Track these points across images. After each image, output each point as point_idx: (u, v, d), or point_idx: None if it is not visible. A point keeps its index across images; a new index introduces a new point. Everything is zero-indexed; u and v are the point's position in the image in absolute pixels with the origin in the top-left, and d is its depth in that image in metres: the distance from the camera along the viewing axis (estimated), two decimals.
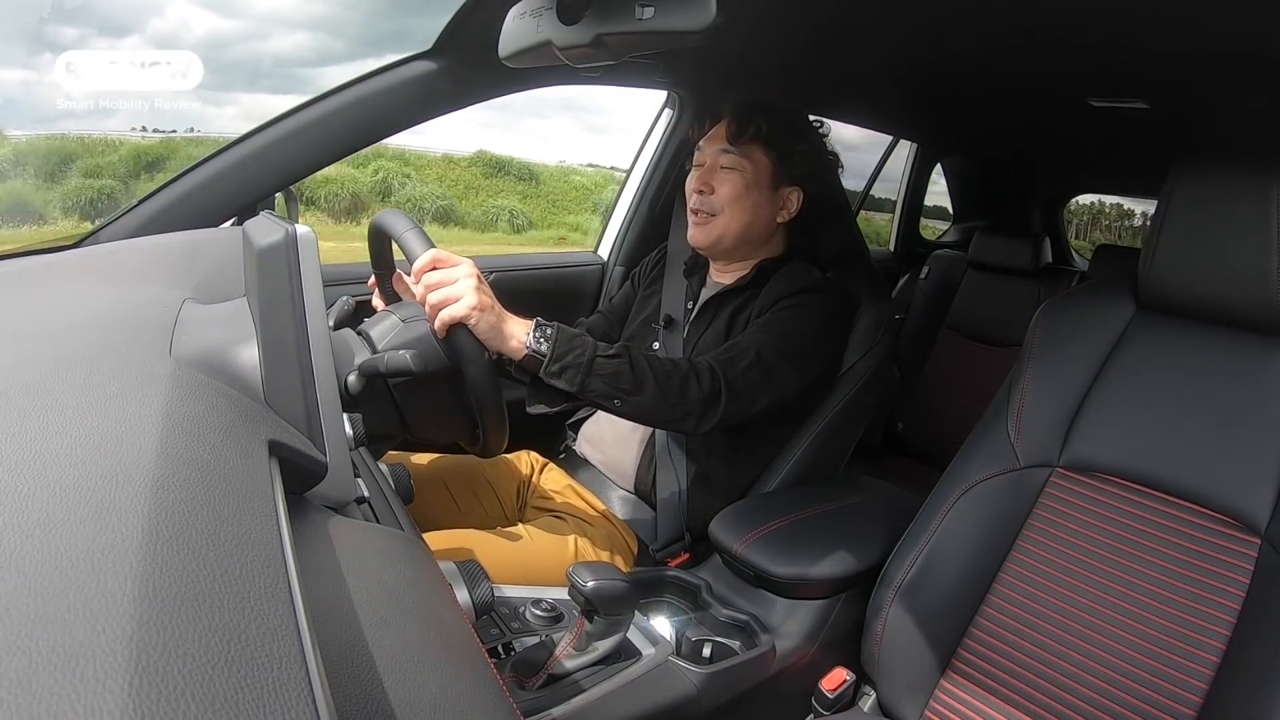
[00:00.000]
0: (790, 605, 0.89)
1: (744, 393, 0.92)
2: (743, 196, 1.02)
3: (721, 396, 0.89)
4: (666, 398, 0.86)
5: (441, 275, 0.76)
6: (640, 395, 0.84)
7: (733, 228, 1.03)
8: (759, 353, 0.94)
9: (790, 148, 1.02)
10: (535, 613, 0.76)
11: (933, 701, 0.84)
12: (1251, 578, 0.71)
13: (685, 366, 0.90)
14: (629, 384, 0.84)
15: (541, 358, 0.81)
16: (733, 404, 0.90)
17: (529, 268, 1.54)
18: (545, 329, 0.82)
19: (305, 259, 0.49)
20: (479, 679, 0.38)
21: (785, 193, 1.04)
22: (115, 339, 0.46)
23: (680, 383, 0.87)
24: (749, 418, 0.94)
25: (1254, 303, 0.76)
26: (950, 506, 0.86)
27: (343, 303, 0.88)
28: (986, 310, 2.06)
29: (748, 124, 1.02)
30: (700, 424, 0.89)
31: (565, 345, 0.82)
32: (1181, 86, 1.14)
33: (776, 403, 0.96)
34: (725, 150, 1.03)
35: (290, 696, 0.22)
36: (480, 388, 0.75)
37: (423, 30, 1.09)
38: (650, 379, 0.85)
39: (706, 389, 0.89)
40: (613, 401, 0.84)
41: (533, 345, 0.81)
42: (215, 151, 0.99)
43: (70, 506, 0.25)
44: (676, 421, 0.88)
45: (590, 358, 0.83)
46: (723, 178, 1.02)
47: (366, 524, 0.50)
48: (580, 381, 0.82)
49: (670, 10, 0.60)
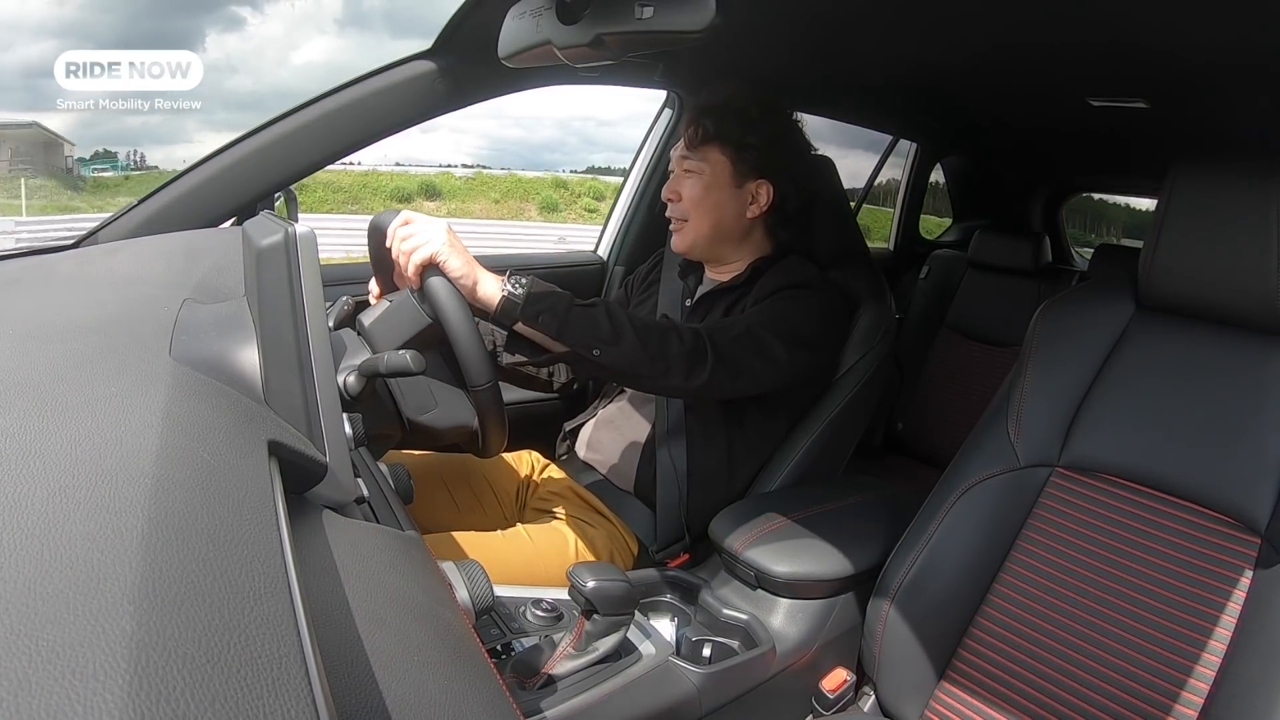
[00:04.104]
0: (790, 605, 0.89)
1: (732, 360, 0.91)
2: (704, 198, 1.03)
3: (708, 357, 0.88)
4: (647, 349, 0.85)
5: (409, 229, 0.78)
6: (619, 345, 0.84)
7: (702, 229, 1.05)
8: (749, 326, 0.94)
9: (743, 141, 1.03)
10: (535, 613, 0.76)
11: (933, 701, 0.84)
12: (1252, 577, 0.71)
13: (666, 323, 0.90)
14: (608, 333, 0.84)
15: (518, 302, 0.81)
16: (720, 368, 0.89)
17: (529, 267, 1.54)
18: (520, 277, 0.83)
19: (305, 259, 0.49)
20: (479, 679, 0.37)
21: (751, 187, 1.04)
22: (115, 339, 0.46)
23: (660, 336, 0.87)
24: (739, 389, 0.94)
25: (1254, 302, 0.76)
26: (950, 506, 0.86)
27: (343, 303, 0.88)
28: (986, 310, 2.05)
29: (699, 126, 1.03)
30: (688, 380, 0.88)
31: (541, 291, 0.83)
32: (1181, 86, 1.14)
33: (768, 379, 0.95)
34: (685, 156, 1.05)
35: (290, 697, 0.22)
36: (462, 340, 0.75)
37: (181, 30, 1.09)
38: (629, 330, 0.85)
39: (689, 345, 0.88)
40: (592, 351, 0.83)
41: (509, 289, 0.81)
42: (215, 151, 0.99)
43: (70, 506, 0.25)
44: (660, 376, 0.87)
45: (568, 304, 0.83)
46: (686, 182, 1.04)
47: (366, 524, 0.50)
48: (558, 326, 0.82)
49: (670, 10, 0.60)
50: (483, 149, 22.57)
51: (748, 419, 1.04)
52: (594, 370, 0.88)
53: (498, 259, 1.64)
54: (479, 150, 20.89)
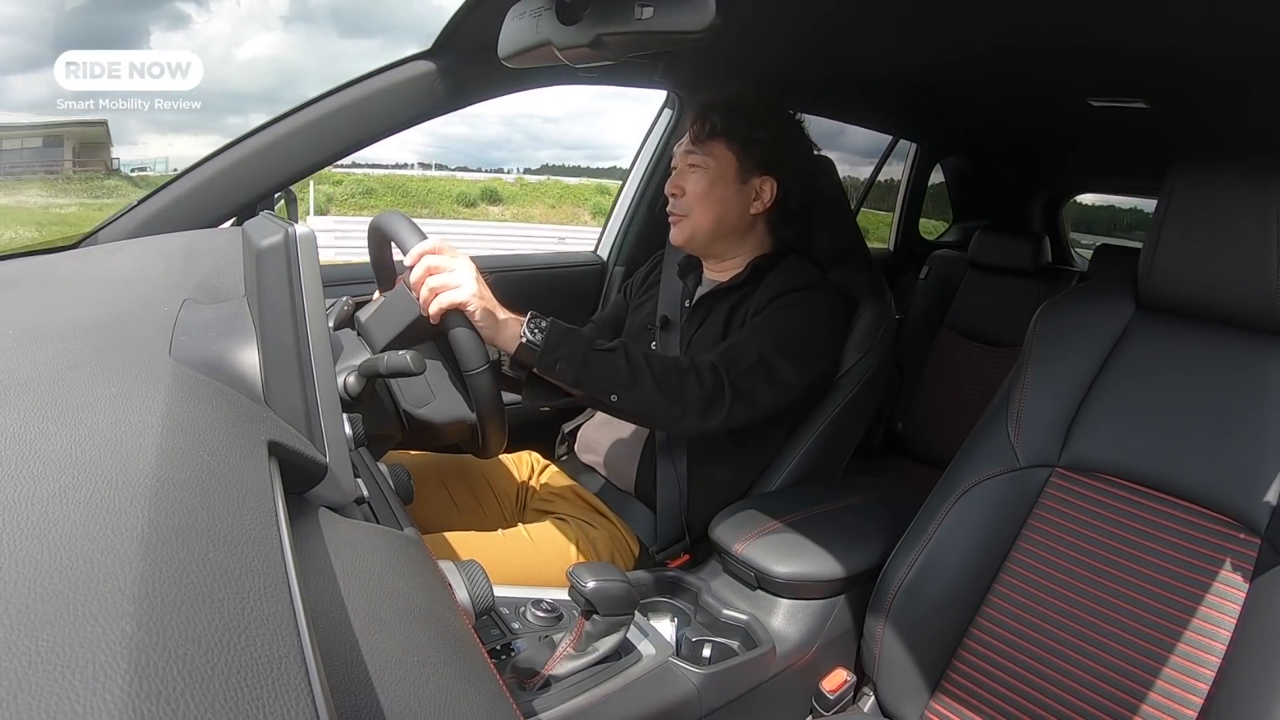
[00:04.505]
0: (790, 606, 0.89)
1: (748, 393, 0.91)
2: (709, 192, 1.03)
3: (725, 395, 0.89)
4: (665, 393, 0.85)
5: (441, 261, 0.77)
6: (637, 390, 0.84)
7: (703, 224, 1.04)
8: (760, 353, 0.94)
9: (749, 136, 1.03)
10: (535, 613, 0.76)
11: (932, 702, 0.84)
12: (1252, 577, 0.71)
13: (685, 363, 0.90)
14: (625, 378, 0.83)
15: (536, 349, 0.81)
16: (738, 404, 0.90)
17: (529, 268, 1.54)
18: (539, 321, 0.82)
19: (305, 259, 0.49)
20: (479, 680, 0.37)
21: (755, 183, 1.05)
22: (115, 340, 0.46)
23: (679, 379, 0.87)
24: (752, 418, 0.94)
25: (1254, 302, 0.76)
26: (950, 507, 0.86)
27: (343, 303, 0.88)
28: (986, 310, 2.05)
29: (705, 121, 1.03)
30: (703, 422, 0.89)
31: (559, 337, 0.82)
32: (1181, 86, 1.14)
33: (781, 403, 0.96)
34: (690, 151, 1.05)
35: (290, 697, 0.22)
36: (480, 385, 0.75)
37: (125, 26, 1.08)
38: (648, 374, 0.85)
39: (709, 387, 0.88)
40: (610, 397, 0.84)
41: (527, 336, 0.81)
42: (215, 151, 0.99)
43: (70, 507, 0.25)
44: (676, 420, 0.88)
45: (586, 350, 0.83)
46: (690, 177, 1.04)
47: (366, 524, 0.50)
48: (575, 374, 0.82)
49: (670, 10, 0.60)
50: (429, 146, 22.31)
51: (752, 422, 1.04)
52: (611, 413, 0.87)
53: (498, 260, 1.64)
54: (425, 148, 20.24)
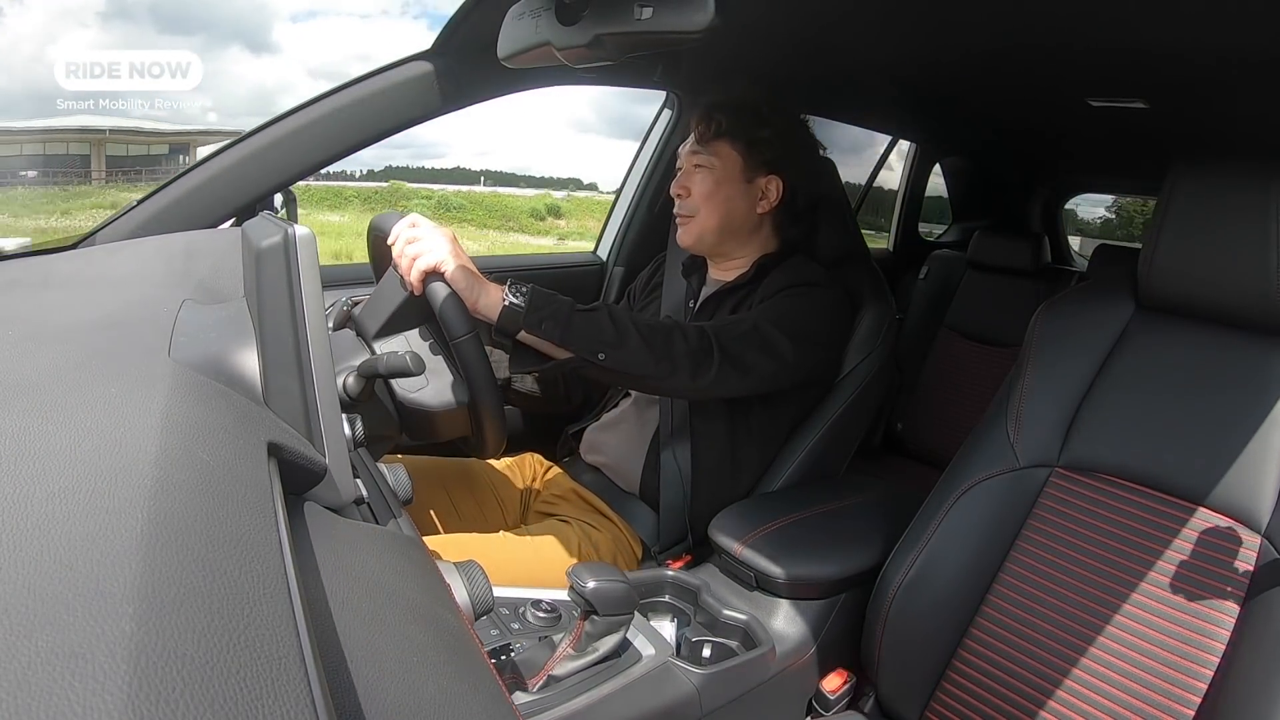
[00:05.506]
0: (790, 606, 0.89)
1: (738, 357, 0.90)
2: (715, 192, 1.03)
3: (714, 355, 0.88)
4: (652, 350, 0.85)
5: (416, 231, 0.78)
6: (625, 348, 0.83)
7: (710, 224, 1.04)
8: (756, 324, 0.94)
9: (755, 135, 1.03)
10: (535, 613, 0.76)
11: (932, 702, 0.84)
12: (1252, 577, 0.71)
13: (670, 323, 0.89)
14: (612, 336, 0.83)
15: (520, 309, 0.81)
16: (727, 365, 0.89)
17: (528, 268, 1.54)
18: (520, 285, 0.83)
19: (304, 260, 0.49)
20: (478, 680, 0.37)
21: (761, 182, 1.05)
22: (114, 340, 0.46)
23: (665, 336, 0.86)
24: (747, 387, 0.93)
25: (1254, 302, 0.76)
26: (950, 507, 0.86)
27: (342, 304, 0.88)
28: (986, 310, 2.05)
29: (711, 122, 1.03)
30: (695, 381, 0.87)
31: (543, 299, 0.82)
32: (1181, 86, 1.14)
33: (778, 377, 0.95)
34: (695, 151, 1.05)
35: (289, 698, 0.21)
36: (468, 353, 0.76)
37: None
38: (634, 331, 0.84)
39: (694, 344, 0.87)
40: (597, 355, 0.83)
41: (510, 299, 0.81)
42: (215, 151, 0.99)
43: (69, 507, 0.25)
44: (666, 376, 0.86)
45: (570, 310, 0.83)
46: (696, 178, 1.04)
47: (366, 525, 0.50)
48: (561, 333, 0.82)
49: (669, 11, 0.60)
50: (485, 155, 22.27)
51: (752, 420, 1.04)
52: (600, 374, 0.87)
53: (498, 260, 1.64)
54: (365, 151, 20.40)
